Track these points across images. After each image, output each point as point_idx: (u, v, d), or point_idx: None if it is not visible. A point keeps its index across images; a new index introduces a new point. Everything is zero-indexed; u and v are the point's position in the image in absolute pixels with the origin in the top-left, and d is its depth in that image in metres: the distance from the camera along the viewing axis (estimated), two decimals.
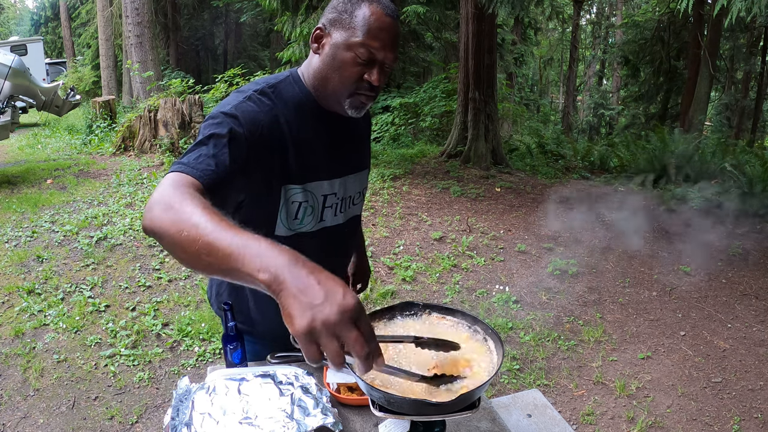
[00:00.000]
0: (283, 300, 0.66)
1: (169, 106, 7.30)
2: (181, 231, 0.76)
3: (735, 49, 12.73)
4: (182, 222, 0.77)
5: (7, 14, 33.72)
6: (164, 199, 0.83)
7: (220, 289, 1.37)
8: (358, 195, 1.36)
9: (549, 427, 1.71)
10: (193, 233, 0.74)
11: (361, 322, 0.66)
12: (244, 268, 0.68)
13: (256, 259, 0.68)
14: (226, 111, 1.05)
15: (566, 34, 21.55)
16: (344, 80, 1.11)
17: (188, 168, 0.93)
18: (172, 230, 0.77)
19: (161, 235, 0.80)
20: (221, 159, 0.97)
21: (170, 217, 0.79)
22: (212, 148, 0.98)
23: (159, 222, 0.80)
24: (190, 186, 0.88)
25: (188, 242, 0.74)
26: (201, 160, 0.95)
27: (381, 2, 1.09)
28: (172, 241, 0.77)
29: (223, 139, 1.00)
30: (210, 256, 0.71)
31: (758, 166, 6.49)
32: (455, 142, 7.78)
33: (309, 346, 0.64)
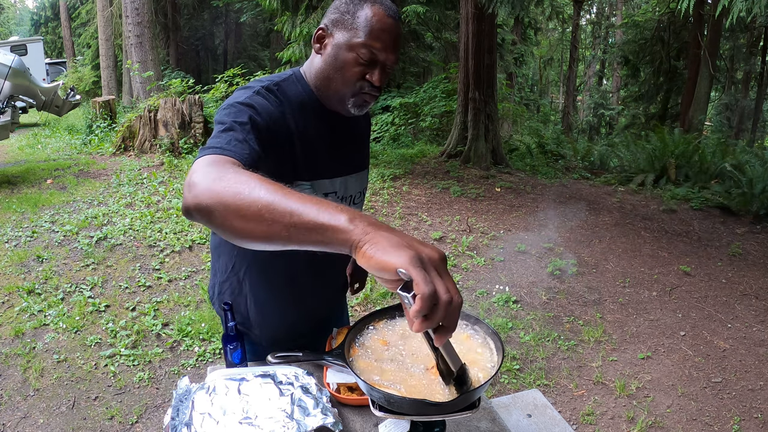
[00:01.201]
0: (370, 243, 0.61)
1: (169, 106, 7.30)
2: (239, 194, 0.71)
3: (735, 49, 12.73)
4: (239, 186, 0.72)
5: (7, 14, 33.72)
6: (210, 174, 0.78)
7: (221, 288, 1.37)
8: (359, 194, 1.36)
9: (549, 427, 1.71)
10: (254, 194, 0.70)
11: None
12: (318, 218, 0.64)
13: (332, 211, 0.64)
14: (241, 101, 1.04)
15: (566, 34, 21.55)
16: (346, 80, 1.12)
17: (224, 150, 0.89)
18: (226, 196, 0.72)
19: (212, 207, 0.73)
20: (251, 144, 0.95)
21: (223, 186, 0.74)
22: (240, 133, 0.95)
23: (209, 194, 0.74)
24: (232, 163, 0.84)
25: (248, 204, 0.70)
26: (234, 144, 0.92)
27: (383, 3, 1.10)
28: (227, 208, 0.71)
29: (247, 125, 0.98)
30: (275, 213, 0.67)
31: (758, 166, 6.49)
32: (455, 142, 7.78)
33: (423, 273, 0.58)
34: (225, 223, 0.73)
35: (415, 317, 0.60)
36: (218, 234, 0.77)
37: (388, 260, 0.59)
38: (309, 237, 0.66)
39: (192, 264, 4.12)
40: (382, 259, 0.60)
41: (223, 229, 0.75)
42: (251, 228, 0.70)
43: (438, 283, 0.60)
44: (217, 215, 0.73)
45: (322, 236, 0.65)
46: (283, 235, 0.68)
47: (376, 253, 0.60)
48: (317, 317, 1.42)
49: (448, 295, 0.60)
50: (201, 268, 4.07)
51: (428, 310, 0.59)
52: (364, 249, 0.61)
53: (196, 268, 4.07)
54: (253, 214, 0.69)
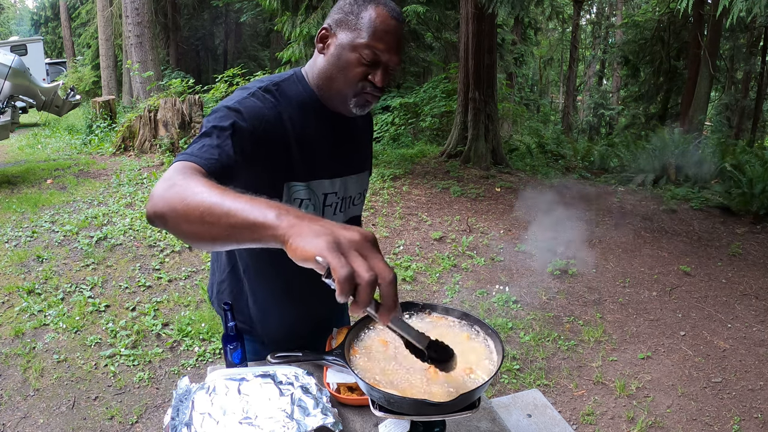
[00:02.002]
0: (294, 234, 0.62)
1: (169, 106, 7.30)
2: (184, 199, 0.75)
3: (735, 49, 12.73)
4: (185, 192, 0.76)
5: (7, 14, 33.72)
6: (167, 182, 0.82)
7: (221, 287, 1.37)
8: (359, 196, 1.36)
9: (549, 427, 1.71)
10: (197, 199, 0.73)
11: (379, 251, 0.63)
12: (249, 217, 0.66)
13: (262, 208, 0.66)
14: (230, 105, 1.06)
15: (566, 34, 21.55)
16: (349, 80, 1.12)
17: (191, 157, 0.92)
18: (174, 202, 0.76)
19: (165, 214, 0.77)
20: (225, 149, 0.97)
21: (173, 192, 0.78)
22: (215, 139, 0.98)
23: (162, 201, 0.78)
24: (193, 170, 0.87)
25: (190, 209, 0.73)
26: (204, 149, 0.95)
27: (387, 5, 1.10)
28: (176, 214, 0.75)
29: (227, 131, 1.00)
30: (213, 216, 0.70)
31: (758, 166, 6.49)
32: (455, 142, 7.78)
33: (339, 257, 0.59)
34: (176, 228, 0.77)
35: (341, 301, 0.60)
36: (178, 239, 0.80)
37: (307, 249, 0.60)
38: (246, 236, 0.68)
39: (192, 264, 4.12)
40: (302, 248, 0.61)
41: (176, 233, 0.79)
42: (197, 231, 0.74)
43: (357, 264, 0.59)
44: (170, 221, 0.77)
45: (256, 233, 0.66)
46: (224, 236, 0.71)
47: (298, 244, 0.61)
48: (317, 317, 1.42)
49: (370, 273, 0.59)
50: (201, 268, 4.07)
51: (349, 291, 0.59)
52: (290, 242, 0.62)
53: (196, 268, 4.07)
54: (196, 218, 0.72)
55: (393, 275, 0.62)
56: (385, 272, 0.61)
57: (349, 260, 0.59)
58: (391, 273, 0.62)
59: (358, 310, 0.62)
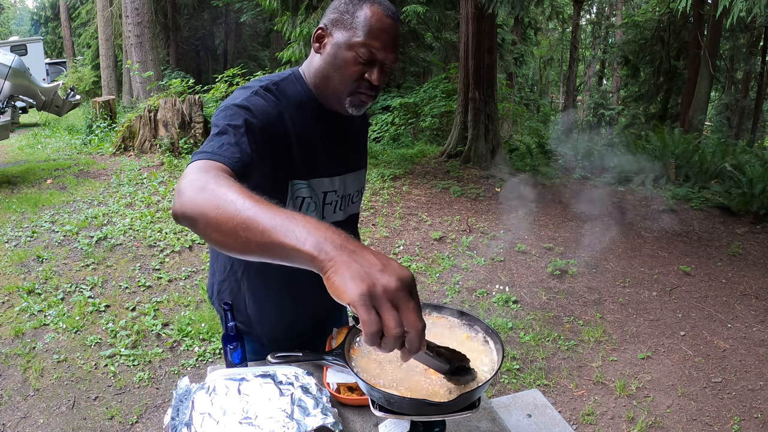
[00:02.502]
0: (333, 269, 0.62)
1: (169, 106, 7.30)
2: (218, 208, 0.73)
3: (735, 49, 12.72)
4: (218, 200, 0.74)
5: (7, 14, 33.72)
6: (196, 182, 0.80)
7: (221, 287, 1.38)
8: (357, 193, 1.37)
9: (549, 427, 1.71)
10: (231, 209, 0.71)
11: (415, 296, 0.63)
12: (286, 240, 0.65)
13: (301, 231, 0.65)
14: (238, 103, 1.06)
15: (566, 34, 21.54)
16: (345, 79, 1.13)
17: (214, 155, 0.91)
18: (207, 209, 0.74)
19: (195, 218, 0.76)
20: (243, 147, 0.97)
21: (205, 198, 0.76)
22: (233, 137, 0.98)
23: (192, 204, 0.77)
24: (220, 170, 0.86)
25: (225, 219, 0.71)
26: (225, 148, 0.94)
27: (382, 4, 1.11)
28: (207, 221, 0.74)
29: (241, 129, 1.00)
30: (248, 231, 0.69)
31: (758, 166, 6.49)
32: (455, 142, 7.78)
33: (369, 312, 0.59)
34: (205, 233, 0.76)
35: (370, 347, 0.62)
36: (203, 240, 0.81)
37: (341, 291, 0.60)
38: (280, 257, 0.68)
39: (192, 264, 4.12)
40: (338, 288, 0.61)
41: (204, 238, 0.78)
42: (229, 242, 0.73)
43: (387, 318, 0.60)
44: (200, 226, 0.77)
45: (292, 258, 0.66)
46: (256, 252, 0.70)
47: (334, 281, 0.61)
48: (316, 317, 1.42)
49: (398, 329, 0.59)
50: (201, 268, 4.07)
51: (374, 343, 0.60)
52: (328, 275, 0.62)
53: (196, 268, 4.07)
54: (229, 230, 0.71)
55: (422, 326, 0.62)
56: (416, 324, 0.61)
57: (381, 313, 0.60)
58: (420, 324, 0.62)
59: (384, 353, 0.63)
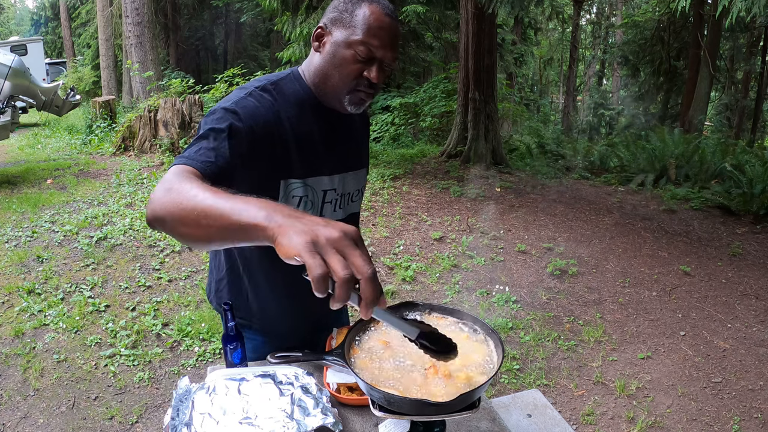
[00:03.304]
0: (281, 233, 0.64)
1: (169, 106, 7.30)
2: (180, 203, 0.77)
3: (735, 49, 12.73)
4: (181, 196, 0.78)
5: (7, 14, 33.72)
6: (165, 186, 0.84)
7: (220, 285, 1.38)
8: (357, 193, 1.38)
9: (549, 427, 1.71)
10: (192, 202, 0.76)
11: (362, 246, 0.64)
12: (241, 218, 0.68)
13: (254, 208, 0.68)
14: (226, 107, 1.07)
15: (566, 34, 21.54)
16: (344, 77, 1.13)
17: (189, 160, 0.94)
18: (171, 206, 0.78)
19: (163, 217, 0.80)
20: (221, 151, 0.99)
21: (170, 197, 0.80)
22: (212, 141, 1.00)
23: (160, 205, 0.80)
24: (189, 173, 0.89)
25: (187, 212, 0.75)
26: (201, 152, 0.97)
27: (380, 2, 1.12)
28: (173, 217, 0.78)
29: (223, 133, 1.01)
30: (209, 219, 0.72)
31: (758, 166, 6.49)
32: (455, 142, 7.78)
33: (314, 257, 0.60)
34: (174, 230, 0.79)
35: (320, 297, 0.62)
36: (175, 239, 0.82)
37: (288, 247, 0.62)
38: (240, 236, 0.70)
39: (192, 264, 4.12)
40: (286, 246, 0.62)
41: (174, 235, 0.81)
42: (194, 233, 0.76)
43: (333, 262, 0.60)
44: (168, 224, 0.80)
45: (249, 234, 0.68)
46: (220, 237, 0.73)
47: (282, 242, 0.63)
48: (316, 315, 1.42)
49: (346, 271, 0.60)
50: (201, 268, 4.07)
51: (323, 289, 0.61)
52: (278, 240, 0.64)
53: (196, 268, 4.07)
54: (192, 221, 0.74)
55: (371, 270, 0.63)
56: (364, 268, 0.62)
57: (326, 258, 0.61)
58: (369, 268, 0.62)
59: (337, 306, 0.63)
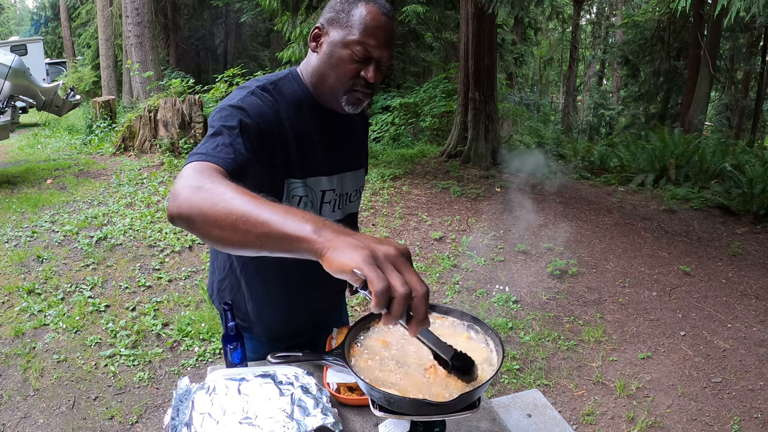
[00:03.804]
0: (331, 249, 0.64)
1: (169, 106, 7.29)
2: (216, 205, 0.75)
3: (735, 49, 12.73)
4: (215, 197, 0.76)
5: (7, 14, 33.72)
6: (191, 183, 0.81)
7: (221, 286, 1.38)
8: (355, 193, 1.38)
9: (549, 427, 1.71)
10: (229, 205, 0.73)
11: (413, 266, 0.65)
12: (285, 227, 0.68)
13: (299, 220, 0.67)
14: (233, 104, 1.07)
15: (566, 34, 21.54)
16: (341, 77, 1.14)
17: (209, 157, 0.93)
18: (205, 207, 0.76)
19: (192, 217, 0.77)
20: (237, 147, 0.98)
21: (202, 196, 0.77)
22: (227, 137, 0.99)
23: (189, 203, 0.78)
24: (214, 171, 0.88)
25: (223, 215, 0.73)
26: (219, 149, 0.96)
27: (377, 2, 1.12)
28: (205, 218, 0.75)
29: (235, 129, 1.01)
30: (248, 224, 0.71)
31: (758, 166, 6.49)
32: (455, 142, 7.78)
33: (376, 270, 0.60)
34: (204, 231, 0.77)
35: (376, 312, 0.62)
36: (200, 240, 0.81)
37: (344, 262, 0.62)
38: (279, 246, 0.69)
39: (192, 264, 4.12)
40: (340, 261, 0.62)
41: (203, 236, 0.79)
42: (228, 237, 0.74)
43: (393, 278, 0.61)
44: (197, 224, 0.77)
45: (290, 245, 0.68)
46: (256, 244, 0.72)
47: (335, 257, 0.63)
48: (315, 316, 1.42)
49: (405, 287, 0.61)
50: (201, 268, 4.07)
51: (384, 304, 0.61)
52: (327, 254, 0.64)
53: (196, 268, 4.07)
54: (229, 225, 0.73)
55: (426, 290, 0.63)
56: (419, 286, 0.63)
57: (386, 274, 0.61)
58: (424, 287, 0.63)
59: (391, 322, 0.64)
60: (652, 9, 15.04)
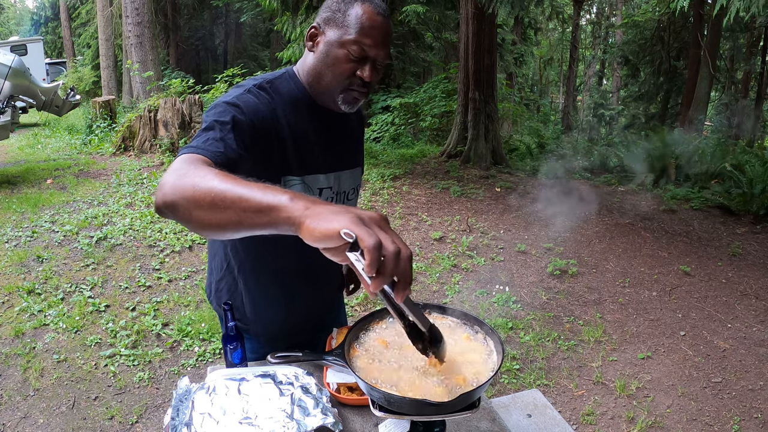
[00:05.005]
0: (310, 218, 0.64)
1: (169, 106, 7.30)
2: (196, 185, 0.76)
3: (735, 49, 12.73)
4: (196, 179, 0.78)
5: (7, 14, 33.71)
6: (176, 172, 0.83)
7: (219, 286, 1.38)
8: (353, 191, 1.39)
9: (549, 427, 1.71)
10: (208, 186, 0.75)
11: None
12: (263, 200, 0.68)
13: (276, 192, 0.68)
14: (228, 101, 1.08)
15: (566, 34, 21.54)
16: (337, 76, 1.15)
17: (198, 149, 0.94)
18: (186, 190, 0.77)
19: (176, 202, 0.78)
20: (228, 142, 0.99)
21: (184, 181, 0.79)
22: (218, 132, 1.00)
23: (173, 190, 0.79)
24: (202, 161, 0.89)
25: (202, 194, 0.75)
26: (209, 142, 0.97)
27: (373, 2, 1.13)
28: (187, 201, 0.77)
29: (228, 125, 1.02)
30: (226, 201, 0.72)
31: (758, 166, 6.48)
32: (455, 142, 7.78)
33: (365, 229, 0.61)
34: (186, 215, 0.78)
35: (368, 273, 0.62)
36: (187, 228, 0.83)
37: (329, 226, 0.62)
38: (258, 219, 0.70)
39: (192, 264, 4.12)
40: (324, 227, 0.62)
41: (186, 221, 0.79)
42: (209, 217, 0.75)
43: (382, 236, 0.62)
44: (180, 209, 0.78)
45: (269, 217, 0.68)
46: (236, 221, 0.72)
47: (318, 224, 0.63)
48: (312, 316, 1.42)
49: (394, 245, 0.62)
50: (201, 268, 4.07)
51: (377, 261, 0.61)
52: (307, 223, 0.64)
53: (196, 268, 4.07)
54: (208, 204, 0.74)
55: (410, 251, 0.64)
56: (405, 247, 0.64)
57: (375, 232, 0.62)
58: (408, 249, 0.64)
59: (380, 285, 0.63)
60: (652, 9, 15.03)
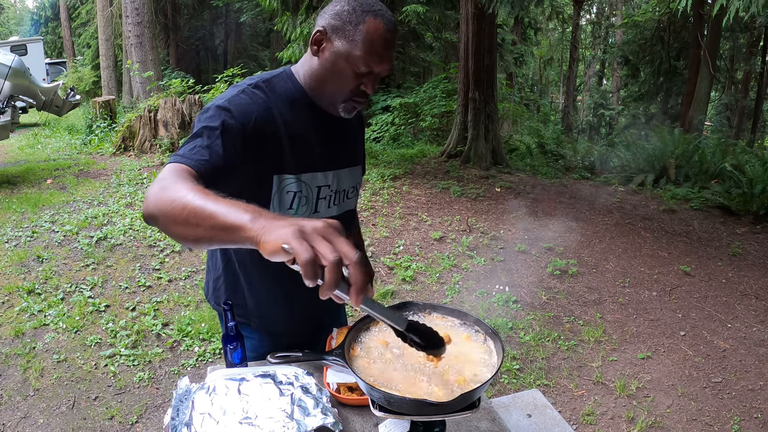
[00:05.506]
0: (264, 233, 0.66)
1: (169, 106, 7.30)
2: (173, 202, 0.80)
3: (735, 49, 12.74)
4: (173, 195, 0.82)
5: (7, 14, 33.71)
6: (160, 184, 0.87)
7: (217, 284, 1.38)
8: (352, 189, 1.38)
9: (549, 427, 1.71)
10: (182, 202, 0.79)
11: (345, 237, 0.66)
12: (228, 219, 0.71)
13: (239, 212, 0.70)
14: (219, 104, 1.09)
15: (566, 34, 21.53)
16: (341, 87, 1.16)
17: (183, 159, 0.97)
18: (165, 205, 0.81)
19: (156, 215, 0.83)
20: (215, 149, 1.01)
21: (163, 196, 0.83)
22: (206, 139, 1.02)
23: (155, 203, 0.84)
24: (184, 172, 0.92)
25: (177, 211, 0.79)
26: (195, 150, 0.99)
27: (384, 16, 1.12)
28: (165, 215, 0.81)
29: (216, 131, 1.04)
30: (197, 218, 0.75)
31: (758, 166, 6.49)
32: (455, 142, 7.78)
33: (301, 242, 0.62)
34: (164, 228, 0.83)
35: (309, 284, 0.63)
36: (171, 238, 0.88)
37: (274, 241, 0.64)
38: (226, 237, 0.72)
39: (192, 264, 4.12)
40: (272, 242, 0.64)
41: (167, 233, 0.84)
42: (184, 232, 0.79)
43: (321, 247, 0.62)
44: (160, 222, 0.83)
45: (234, 235, 0.70)
46: (207, 237, 0.76)
47: (267, 239, 0.65)
48: (312, 316, 1.42)
49: (334, 254, 0.62)
50: (201, 268, 4.07)
51: (313, 274, 0.62)
52: (261, 239, 0.66)
53: (196, 268, 4.07)
54: (183, 220, 0.78)
55: (359, 255, 0.64)
56: (351, 253, 0.63)
57: (313, 244, 0.62)
58: (356, 254, 0.64)
59: (327, 293, 0.64)
60: (652, 9, 15.03)
